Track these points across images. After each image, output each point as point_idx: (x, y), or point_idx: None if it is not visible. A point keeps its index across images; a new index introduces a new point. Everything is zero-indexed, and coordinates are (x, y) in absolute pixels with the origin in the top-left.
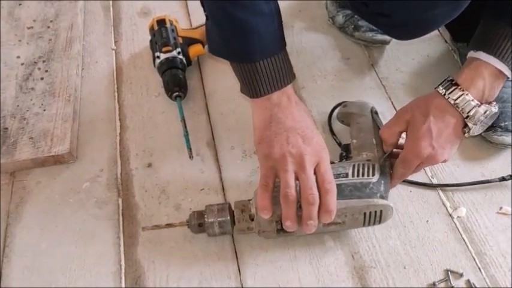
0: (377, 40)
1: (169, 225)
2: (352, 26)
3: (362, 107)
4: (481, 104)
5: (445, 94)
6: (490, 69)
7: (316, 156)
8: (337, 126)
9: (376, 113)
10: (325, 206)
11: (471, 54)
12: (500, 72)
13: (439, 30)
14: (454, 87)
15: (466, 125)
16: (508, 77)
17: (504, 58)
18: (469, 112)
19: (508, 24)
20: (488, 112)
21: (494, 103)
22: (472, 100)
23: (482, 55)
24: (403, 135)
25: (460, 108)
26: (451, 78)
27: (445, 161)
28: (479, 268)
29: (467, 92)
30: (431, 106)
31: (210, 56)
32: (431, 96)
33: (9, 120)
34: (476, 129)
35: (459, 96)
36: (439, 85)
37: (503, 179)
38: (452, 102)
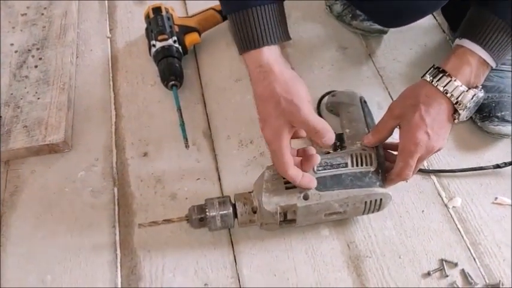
0: (375, 29)
1: (167, 221)
2: (350, 15)
3: (351, 97)
4: (469, 89)
5: (433, 82)
6: (475, 57)
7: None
8: (324, 112)
9: (365, 102)
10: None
11: (457, 41)
12: (485, 60)
13: (437, 20)
14: (441, 75)
15: (455, 111)
16: (491, 66)
17: (487, 46)
18: (458, 98)
19: (493, 13)
20: (475, 96)
21: (480, 87)
22: (460, 86)
23: (466, 42)
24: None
25: (449, 94)
26: (437, 66)
27: (439, 150)
28: (474, 258)
29: (455, 78)
30: (420, 95)
31: (207, 45)
32: (419, 85)
33: (3, 109)
34: (464, 115)
35: (447, 83)
36: (425, 73)
37: (497, 166)
38: (441, 89)
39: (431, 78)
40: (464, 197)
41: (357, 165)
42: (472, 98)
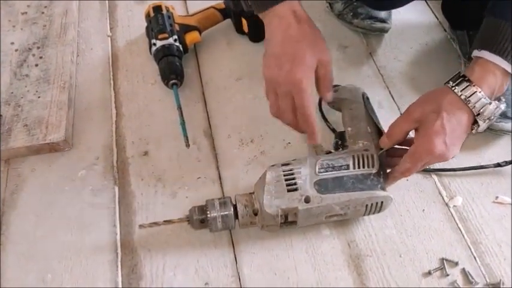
0: (375, 28)
1: (167, 222)
2: (351, 13)
3: (354, 93)
4: (492, 101)
5: (455, 89)
6: (499, 68)
7: (287, 85)
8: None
9: (368, 98)
10: (300, 130)
11: (475, 53)
12: (507, 71)
13: (438, 19)
14: (467, 84)
15: (475, 122)
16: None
17: (507, 55)
18: (480, 110)
19: (509, 22)
20: (497, 109)
21: (503, 99)
22: (484, 98)
23: (487, 54)
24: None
25: (471, 105)
26: (463, 74)
27: (452, 158)
28: (474, 257)
29: (480, 90)
30: (443, 102)
31: (207, 44)
32: (443, 92)
33: (3, 107)
34: (484, 126)
35: (472, 93)
36: (449, 80)
37: (498, 165)
38: (464, 98)
39: (455, 85)
40: (465, 196)
41: (359, 167)
42: (494, 110)
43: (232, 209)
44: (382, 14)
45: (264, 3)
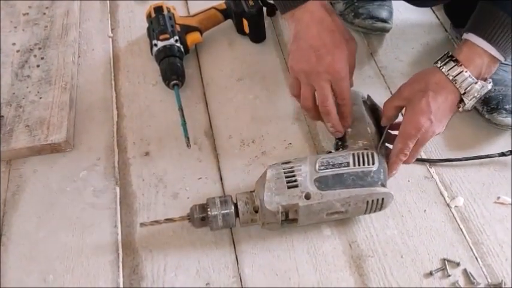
0: (377, 27)
1: (168, 220)
2: (352, 14)
3: (353, 96)
4: (478, 81)
5: (443, 69)
6: (486, 52)
7: (328, 74)
8: None
9: (370, 99)
10: (341, 116)
11: (465, 35)
12: (493, 56)
13: (439, 19)
14: (453, 64)
15: (461, 100)
16: (500, 60)
17: (495, 42)
18: (466, 89)
19: (502, 9)
20: (483, 88)
21: (490, 80)
22: (470, 77)
23: (474, 38)
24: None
25: (458, 85)
26: (450, 54)
27: (437, 134)
28: (476, 257)
29: (466, 69)
30: (430, 81)
31: (208, 45)
32: (431, 71)
33: (5, 108)
34: (470, 104)
35: (458, 73)
36: (438, 60)
37: (502, 154)
38: (451, 78)
39: (442, 65)
40: (467, 197)
41: (359, 165)
42: (480, 89)
43: (232, 207)
44: (383, 14)
45: (293, 1)
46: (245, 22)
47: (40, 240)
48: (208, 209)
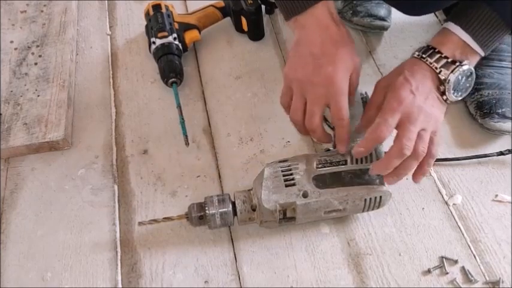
0: (375, 26)
1: (167, 219)
2: (351, 12)
3: None
4: (452, 59)
5: (416, 54)
6: (459, 38)
7: (324, 87)
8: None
9: (367, 97)
10: (337, 138)
11: (444, 24)
12: (467, 43)
13: (437, 17)
14: (430, 51)
15: (441, 83)
16: (478, 52)
17: (470, 30)
18: (441, 67)
19: (486, 3)
20: (458, 68)
21: (465, 62)
22: (443, 56)
23: (450, 25)
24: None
25: (433, 65)
26: (426, 44)
27: (435, 128)
28: (474, 255)
29: (438, 49)
30: (405, 65)
31: (207, 43)
32: (406, 61)
33: (3, 106)
34: (451, 89)
35: (431, 53)
36: (414, 52)
37: (501, 153)
38: (425, 60)
39: (419, 53)
40: (465, 195)
41: (357, 163)
42: (455, 68)
43: (230, 206)
44: (382, 12)
45: (300, 4)
46: (244, 20)
47: (38, 238)
48: (206, 208)
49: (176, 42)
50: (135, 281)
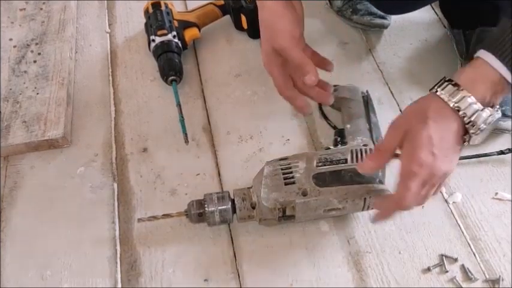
0: (375, 24)
1: (166, 216)
2: (350, 10)
3: (353, 91)
4: (484, 108)
5: (442, 95)
6: (494, 72)
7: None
8: (326, 108)
9: (369, 96)
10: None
11: (477, 53)
12: (504, 78)
13: (437, 15)
14: (454, 88)
15: (466, 132)
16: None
17: (508, 62)
18: (471, 117)
19: None
20: (491, 118)
21: (497, 107)
22: (475, 103)
23: (485, 55)
24: None
25: (462, 112)
26: (448, 78)
27: (447, 175)
28: (474, 253)
29: (469, 94)
30: (429, 110)
31: (206, 40)
32: (427, 98)
33: (2, 104)
34: (476, 138)
35: (461, 99)
36: (434, 86)
37: (501, 152)
38: (452, 105)
39: (441, 91)
40: (465, 193)
41: (357, 161)
42: (487, 118)
43: (230, 203)
44: None
45: None
46: (243, 18)
47: (38, 237)
48: (206, 205)
49: (176, 40)
50: (134, 279)
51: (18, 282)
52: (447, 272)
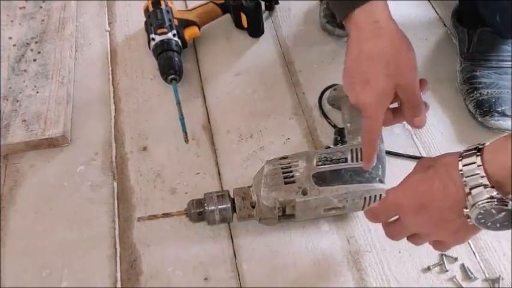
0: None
1: (166, 215)
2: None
3: None
4: (492, 187)
5: (462, 154)
6: None
7: (360, 107)
8: (326, 107)
9: None
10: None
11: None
12: None
13: (438, 14)
14: (473, 151)
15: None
16: None
17: None
18: (472, 189)
19: None
20: (493, 203)
21: (510, 196)
22: (482, 176)
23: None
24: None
25: (463, 179)
26: (483, 143)
27: (442, 247)
28: (473, 252)
29: (481, 164)
30: (440, 159)
31: (206, 39)
32: (451, 152)
33: (1, 103)
34: (475, 215)
35: (470, 163)
36: (464, 152)
37: None
38: (460, 167)
39: (464, 151)
40: None
41: (357, 160)
42: (488, 199)
43: (229, 202)
44: None
45: (344, 5)
46: (243, 16)
47: (37, 235)
48: (206, 204)
49: (175, 38)
50: (134, 278)
51: (18, 281)
52: (447, 271)
